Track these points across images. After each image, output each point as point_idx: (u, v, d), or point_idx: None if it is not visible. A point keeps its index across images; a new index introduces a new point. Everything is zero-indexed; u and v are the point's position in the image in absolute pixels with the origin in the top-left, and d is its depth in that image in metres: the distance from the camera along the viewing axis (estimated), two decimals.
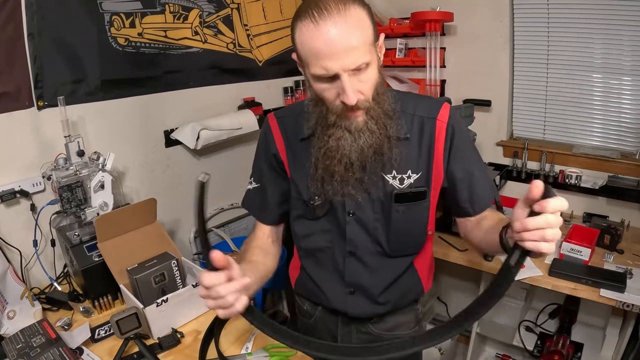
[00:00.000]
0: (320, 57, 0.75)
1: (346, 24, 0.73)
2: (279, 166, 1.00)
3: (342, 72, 0.76)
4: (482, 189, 0.96)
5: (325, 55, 0.74)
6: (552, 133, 2.03)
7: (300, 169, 0.95)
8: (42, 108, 1.38)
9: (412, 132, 0.92)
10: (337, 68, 0.75)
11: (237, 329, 1.18)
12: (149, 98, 1.68)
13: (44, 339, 1.01)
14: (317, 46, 0.74)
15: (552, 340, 1.74)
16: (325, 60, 0.75)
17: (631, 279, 1.44)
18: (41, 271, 1.40)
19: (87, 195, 1.37)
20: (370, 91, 0.81)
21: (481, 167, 0.98)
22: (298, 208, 1.01)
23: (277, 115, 1.01)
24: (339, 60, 0.74)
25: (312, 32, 0.74)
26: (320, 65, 0.76)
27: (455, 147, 0.92)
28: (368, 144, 0.84)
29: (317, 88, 0.82)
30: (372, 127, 0.84)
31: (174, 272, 1.24)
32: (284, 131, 0.98)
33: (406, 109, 0.92)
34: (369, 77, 0.80)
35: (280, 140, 0.99)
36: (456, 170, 0.94)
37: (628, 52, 1.74)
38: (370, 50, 0.78)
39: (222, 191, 2.02)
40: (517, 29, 1.97)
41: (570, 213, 1.94)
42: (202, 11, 1.78)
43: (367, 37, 0.77)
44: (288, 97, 2.20)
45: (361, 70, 0.77)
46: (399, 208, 0.93)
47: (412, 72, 2.24)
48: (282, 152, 0.99)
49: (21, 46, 1.31)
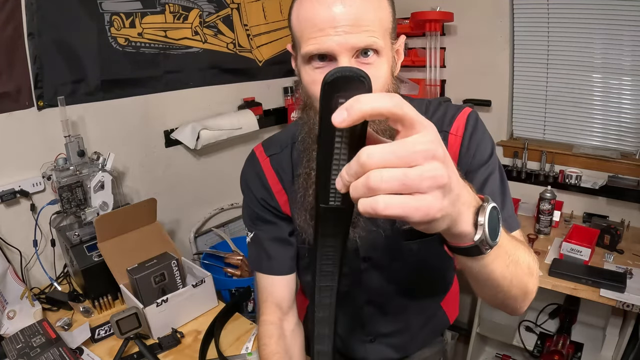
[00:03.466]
0: (317, 27, 0.59)
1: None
2: (278, 212, 0.84)
3: (342, 52, 0.59)
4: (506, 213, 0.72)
5: (324, 25, 0.58)
6: (552, 133, 2.03)
7: (303, 212, 0.77)
8: (42, 108, 1.38)
9: None
10: (335, 44, 0.58)
11: (237, 329, 1.18)
12: (149, 98, 1.68)
13: (44, 339, 1.01)
14: (316, 14, 0.59)
15: (552, 340, 1.74)
16: (322, 32, 0.59)
17: (631, 279, 1.44)
18: (41, 271, 1.40)
19: (87, 195, 1.37)
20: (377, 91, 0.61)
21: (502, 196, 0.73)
22: (305, 258, 0.85)
23: (268, 152, 0.83)
24: (340, 34, 0.58)
25: (311, 1, 0.60)
26: (314, 39, 0.59)
27: (470, 168, 0.72)
28: None
29: (307, 79, 0.64)
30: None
31: (174, 272, 1.24)
32: (278, 172, 0.81)
33: None
34: (379, 73, 0.62)
35: (277, 185, 0.82)
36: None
37: (628, 52, 1.74)
38: (384, 36, 0.62)
39: (222, 191, 2.01)
40: (517, 29, 1.97)
41: (570, 213, 1.93)
42: (202, 11, 1.78)
43: (383, 20, 0.61)
44: (288, 97, 2.20)
45: (369, 59, 0.61)
46: (412, 246, 0.78)
47: (412, 72, 2.24)
48: (281, 197, 0.82)
49: (21, 46, 1.31)
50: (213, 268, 1.76)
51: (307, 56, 0.62)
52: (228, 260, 1.79)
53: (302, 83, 0.68)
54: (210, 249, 1.91)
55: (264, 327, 0.84)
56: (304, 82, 0.66)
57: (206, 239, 1.98)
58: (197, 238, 1.93)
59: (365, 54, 0.61)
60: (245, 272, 1.77)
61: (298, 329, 0.88)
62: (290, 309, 0.87)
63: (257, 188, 0.84)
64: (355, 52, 0.60)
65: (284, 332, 0.84)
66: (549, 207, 1.76)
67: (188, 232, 1.91)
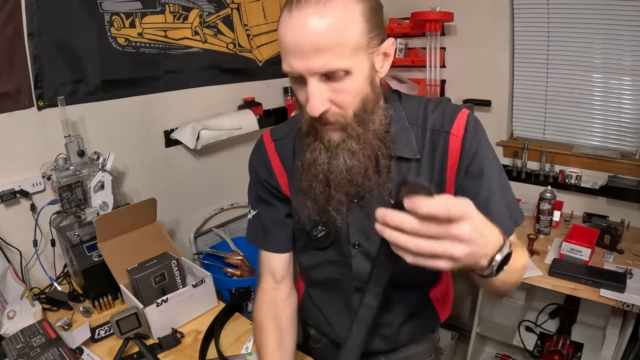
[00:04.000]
0: (287, 51, 0.64)
1: (321, 19, 0.60)
2: (278, 193, 0.90)
3: (308, 75, 0.64)
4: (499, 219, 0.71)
5: (291, 51, 0.63)
6: (552, 133, 2.03)
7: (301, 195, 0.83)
8: (42, 108, 1.38)
9: (423, 151, 0.76)
10: (301, 68, 0.64)
11: (237, 329, 1.18)
12: (149, 98, 1.68)
13: (44, 339, 1.01)
14: (285, 39, 0.64)
15: (552, 340, 1.74)
16: (290, 56, 0.64)
17: (631, 279, 1.44)
18: (41, 271, 1.40)
19: (87, 195, 1.37)
20: (351, 105, 0.68)
21: (502, 191, 0.76)
22: (301, 239, 0.91)
23: (274, 137, 0.90)
24: (304, 59, 0.63)
25: (286, 21, 0.63)
26: (287, 61, 0.65)
27: (471, 168, 0.75)
28: (348, 166, 0.71)
29: (294, 88, 0.71)
30: (353, 146, 0.70)
31: (174, 272, 1.24)
32: (281, 155, 0.87)
33: (416, 122, 0.77)
34: (349, 88, 0.66)
35: (279, 166, 0.88)
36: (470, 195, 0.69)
37: (628, 52, 1.74)
38: (352, 55, 0.64)
39: (222, 191, 2.02)
40: (517, 29, 1.97)
41: (570, 213, 1.93)
42: (202, 11, 1.78)
43: (349, 39, 0.63)
44: (288, 97, 2.20)
45: (337, 77, 0.64)
46: None
47: (412, 72, 2.24)
48: (282, 178, 0.88)
49: (21, 46, 1.31)
50: (213, 268, 1.76)
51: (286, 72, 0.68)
52: (228, 260, 1.79)
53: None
54: (210, 249, 1.91)
55: (259, 293, 0.95)
56: (293, 88, 0.72)
57: (206, 239, 1.98)
58: (197, 238, 1.93)
59: (333, 74, 0.64)
60: (245, 272, 1.77)
61: (291, 298, 0.95)
62: (283, 279, 0.94)
63: (261, 170, 0.90)
64: (322, 74, 0.64)
65: (275, 299, 0.93)
66: (549, 207, 1.76)
67: (188, 232, 1.91)
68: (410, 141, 0.76)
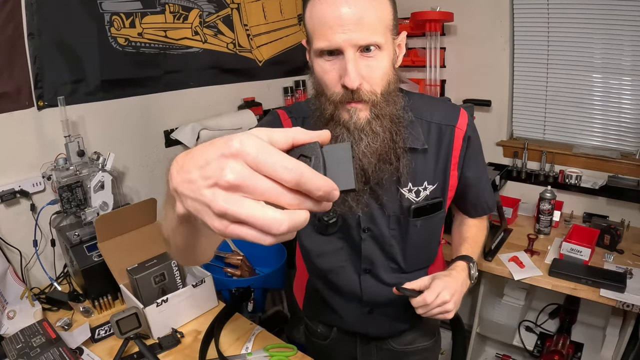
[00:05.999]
0: (327, 26, 0.68)
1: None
2: None
3: (348, 48, 0.68)
4: (489, 195, 0.98)
5: (333, 24, 0.67)
6: (552, 133, 2.03)
7: None
8: (42, 108, 1.38)
9: (429, 142, 0.84)
10: (341, 41, 0.67)
11: (237, 329, 1.18)
12: (149, 98, 1.68)
13: (44, 339, 1.01)
14: (326, 14, 0.68)
15: (552, 340, 1.74)
16: (331, 30, 0.67)
17: (631, 279, 1.44)
18: (41, 271, 1.40)
19: (87, 195, 1.37)
20: (380, 83, 0.72)
21: (487, 174, 0.97)
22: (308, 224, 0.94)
23: (290, 115, 0.92)
24: (346, 32, 0.67)
25: (325, 1, 0.68)
26: (324, 36, 0.68)
27: (470, 154, 0.89)
28: (372, 149, 0.74)
29: (319, 70, 0.73)
30: (377, 129, 0.74)
31: (174, 272, 1.24)
32: None
33: (422, 116, 0.84)
34: (380, 65, 0.71)
35: None
36: (469, 176, 0.91)
37: (628, 52, 1.74)
38: (385, 33, 0.70)
39: None
40: (517, 29, 1.97)
41: (570, 213, 1.93)
42: (202, 11, 1.78)
43: (383, 18, 0.70)
44: (288, 97, 2.20)
45: (371, 53, 0.70)
46: (416, 222, 0.88)
47: (412, 72, 2.24)
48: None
49: (21, 46, 1.31)
50: (213, 268, 1.76)
51: (319, 51, 0.71)
52: (228, 260, 1.79)
53: (314, 73, 0.76)
54: None
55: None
56: (316, 72, 0.75)
57: None
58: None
59: (368, 49, 0.69)
60: (245, 272, 1.77)
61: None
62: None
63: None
64: (359, 48, 0.69)
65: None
66: (549, 207, 1.76)
67: None
68: (418, 132, 0.83)
